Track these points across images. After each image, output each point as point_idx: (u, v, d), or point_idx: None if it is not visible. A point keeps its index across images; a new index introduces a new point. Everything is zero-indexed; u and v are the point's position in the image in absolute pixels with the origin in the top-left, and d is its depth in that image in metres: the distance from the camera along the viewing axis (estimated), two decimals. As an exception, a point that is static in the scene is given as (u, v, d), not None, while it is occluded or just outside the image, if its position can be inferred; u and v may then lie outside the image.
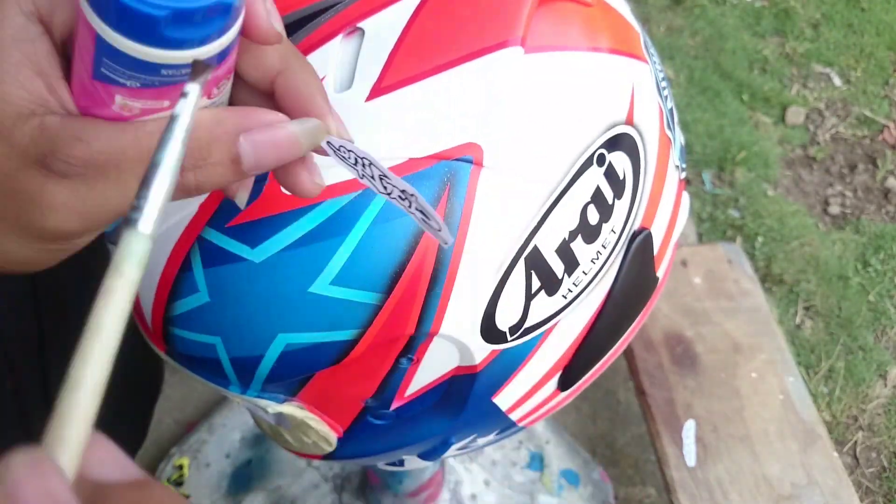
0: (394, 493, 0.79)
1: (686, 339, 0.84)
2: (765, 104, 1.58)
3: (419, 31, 0.32)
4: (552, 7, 0.35)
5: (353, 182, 0.32)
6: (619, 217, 0.37)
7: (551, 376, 0.41)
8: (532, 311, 0.36)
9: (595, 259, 0.37)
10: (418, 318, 0.34)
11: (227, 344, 0.35)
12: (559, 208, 0.34)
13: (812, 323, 1.24)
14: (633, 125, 0.37)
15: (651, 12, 1.74)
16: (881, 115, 1.56)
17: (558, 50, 0.35)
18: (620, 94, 0.37)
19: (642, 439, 1.03)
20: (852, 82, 1.63)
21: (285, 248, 0.32)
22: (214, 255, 0.33)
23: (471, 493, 0.89)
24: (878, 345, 1.22)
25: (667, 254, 0.45)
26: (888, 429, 1.12)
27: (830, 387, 1.16)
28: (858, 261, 1.33)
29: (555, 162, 0.34)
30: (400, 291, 0.33)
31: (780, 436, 0.78)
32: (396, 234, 0.32)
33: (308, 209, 0.32)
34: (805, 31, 1.73)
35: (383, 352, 0.35)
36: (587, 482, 0.94)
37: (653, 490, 0.99)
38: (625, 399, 1.07)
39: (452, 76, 0.32)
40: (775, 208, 1.38)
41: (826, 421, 1.11)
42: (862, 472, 1.08)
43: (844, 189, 1.45)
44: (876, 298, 1.27)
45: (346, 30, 0.33)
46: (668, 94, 0.43)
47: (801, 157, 1.51)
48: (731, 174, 1.44)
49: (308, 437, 0.40)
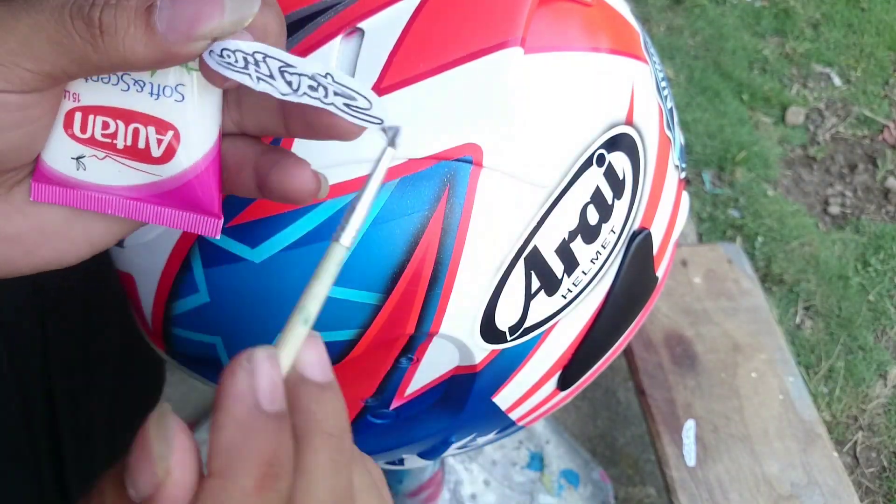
0: (394, 493, 0.79)
1: (686, 339, 0.84)
2: (765, 104, 1.58)
3: (419, 31, 0.32)
4: (552, 7, 0.35)
5: (353, 182, 0.32)
6: (618, 217, 0.37)
7: (551, 376, 0.41)
8: (532, 311, 0.36)
9: (595, 259, 0.37)
10: (418, 317, 0.34)
11: (227, 344, 0.35)
12: (559, 208, 0.34)
13: (812, 323, 1.24)
14: (633, 125, 0.37)
15: (651, 12, 1.74)
16: (881, 115, 1.56)
17: (558, 50, 0.35)
18: (620, 95, 0.37)
19: (642, 439, 1.03)
20: (852, 82, 1.63)
21: (285, 248, 0.32)
22: (214, 255, 0.33)
23: (471, 493, 0.89)
24: (878, 345, 1.22)
25: (666, 254, 0.45)
26: (888, 429, 1.12)
27: (830, 387, 1.16)
28: (858, 261, 1.33)
29: (554, 162, 0.34)
30: (400, 291, 0.33)
31: (779, 436, 0.78)
32: (396, 234, 0.32)
33: (308, 209, 0.32)
34: (805, 31, 1.73)
35: (383, 351, 0.35)
36: (587, 482, 0.94)
37: (653, 490, 1.00)
38: (625, 399, 1.07)
39: (452, 76, 0.32)
40: (775, 208, 1.39)
41: (826, 421, 1.11)
42: (862, 472, 1.08)
43: (844, 189, 1.45)
44: (876, 298, 1.27)
45: (346, 30, 0.33)
46: (668, 93, 0.43)
47: (801, 157, 1.51)
48: (731, 174, 1.44)
49: (308, 437, 0.40)
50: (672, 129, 0.43)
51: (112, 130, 0.24)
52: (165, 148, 0.24)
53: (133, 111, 0.24)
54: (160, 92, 0.23)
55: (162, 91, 0.23)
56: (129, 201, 0.25)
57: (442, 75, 0.32)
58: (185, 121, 0.24)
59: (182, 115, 0.24)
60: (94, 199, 0.25)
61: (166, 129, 0.24)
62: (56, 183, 0.24)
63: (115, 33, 0.21)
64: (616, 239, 0.38)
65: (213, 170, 0.25)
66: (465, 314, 0.34)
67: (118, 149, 0.24)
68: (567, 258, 0.36)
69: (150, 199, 0.25)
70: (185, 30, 0.21)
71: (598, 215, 0.36)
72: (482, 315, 0.35)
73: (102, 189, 0.25)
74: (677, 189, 0.44)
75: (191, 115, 0.24)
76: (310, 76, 0.21)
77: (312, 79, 0.21)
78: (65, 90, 0.24)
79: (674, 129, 0.43)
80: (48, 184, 0.24)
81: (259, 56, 0.21)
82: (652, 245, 0.41)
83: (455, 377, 0.38)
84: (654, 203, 0.40)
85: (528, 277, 0.35)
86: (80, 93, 0.24)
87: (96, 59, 0.21)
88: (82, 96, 0.24)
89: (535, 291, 0.35)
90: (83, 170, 0.24)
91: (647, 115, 0.38)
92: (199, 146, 0.24)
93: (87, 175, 0.24)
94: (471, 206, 0.33)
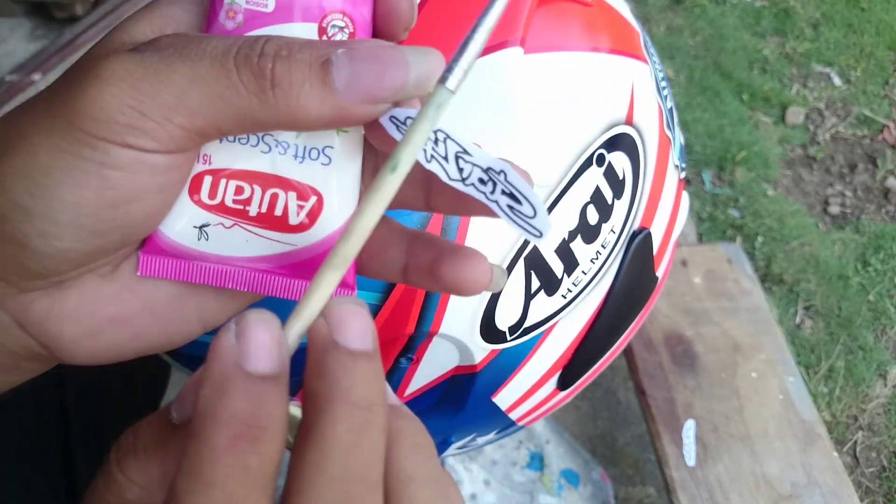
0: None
1: (686, 339, 0.84)
2: (765, 104, 1.58)
3: (418, 31, 0.32)
4: (552, 7, 0.35)
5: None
6: (618, 217, 0.37)
7: (551, 376, 0.41)
8: (531, 311, 0.36)
9: (594, 259, 0.37)
10: (418, 317, 0.34)
11: (227, 344, 0.35)
12: (559, 208, 0.34)
13: (812, 323, 1.24)
14: (633, 125, 0.37)
15: (651, 12, 1.74)
16: (881, 115, 1.56)
17: (558, 50, 0.35)
18: (620, 94, 0.37)
19: (642, 439, 1.03)
20: (852, 82, 1.63)
21: (285, 247, 0.32)
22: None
23: (471, 493, 0.89)
24: (878, 344, 1.22)
25: (666, 253, 0.45)
26: (888, 428, 1.12)
27: (830, 387, 1.16)
28: (858, 260, 1.33)
29: (554, 162, 0.34)
30: (399, 291, 0.33)
31: (779, 435, 0.78)
32: (396, 233, 0.32)
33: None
34: (805, 31, 1.73)
35: (383, 351, 0.35)
36: (587, 482, 0.94)
37: (653, 490, 0.99)
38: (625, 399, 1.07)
39: (452, 76, 0.32)
40: (775, 208, 1.39)
41: (826, 421, 1.11)
42: (862, 472, 1.08)
43: (844, 189, 1.45)
44: (876, 298, 1.27)
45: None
46: (667, 93, 0.43)
47: (801, 156, 1.51)
48: (731, 174, 1.44)
49: (308, 437, 0.40)
50: (672, 128, 0.43)
51: (246, 196, 0.22)
52: (307, 214, 0.22)
53: (274, 175, 0.21)
54: (306, 155, 0.21)
55: (308, 154, 0.21)
56: (253, 273, 0.22)
57: (442, 75, 0.32)
58: (331, 187, 0.22)
59: (328, 181, 0.22)
60: (213, 271, 0.22)
61: (309, 196, 0.22)
62: (170, 254, 0.22)
63: (288, 87, 0.19)
64: (616, 239, 0.38)
65: None
66: (465, 314, 0.34)
67: (250, 216, 0.22)
68: (567, 258, 0.36)
69: (278, 270, 0.22)
70: (368, 90, 0.19)
71: (597, 215, 0.36)
72: (482, 315, 0.35)
73: (223, 260, 0.22)
74: (677, 189, 0.44)
75: (337, 181, 0.22)
76: (484, 169, 0.20)
77: (486, 172, 0.20)
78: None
79: (674, 129, 0.43)
80: (161, 255, 0.22)
81: (441, 135, 0.20)
82: (652, 245, 0.41)
83: (455, 377, 0.38)
84: (653, 203, 0.40)
85: (527, 277, 0.35)
86: (212, 154, 0.21)
87: (261, 114, 0.19)
88: (214, 158, 0.21)
89: (535, 291, 0.35)
90: (205, 240, 0.22)
91: (646, 114, 0.38)
92: (341, 214, 0.22)
93: (209, 246, 0.22)
94: (471, 206, 0.33)
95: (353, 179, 0.22)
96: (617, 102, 0.37)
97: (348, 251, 0.19)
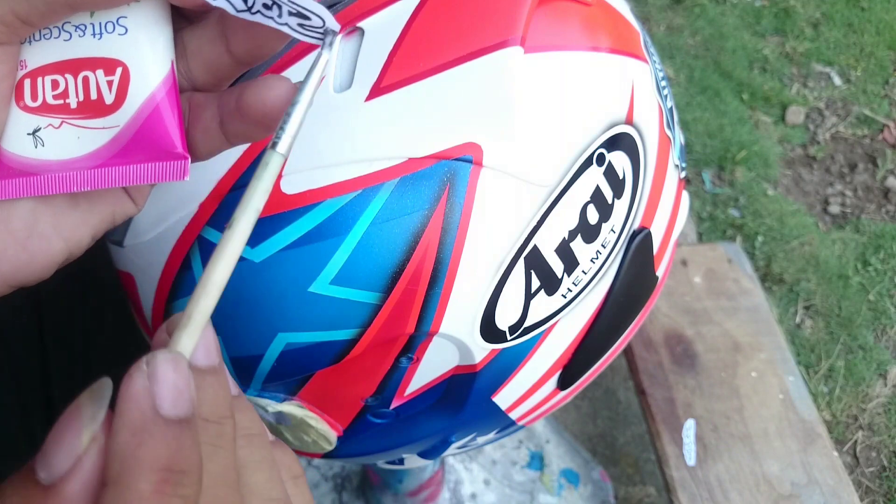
0: (394, 493, 0.79)
1: (686, 339, 0.84)
2: (765, 103, 1.58)
3: (419, 30, 0.32)
4: (552, 7, 0.35)
5: (353, 182, 0.32)
6: (618, 216, 0.37)
7: (551, 375, 0.41)
8: (532, 311, 0.36)
9: (595, 258, 0.37)
10: (418, 317, 0.34)
11: (226, 343, 0.35)
12: (559, 208, 0.34)
13: (812, 322, 1.24)
14: (633, 125, 0.37)
15: (651, 12, 1.74)
16: (881, 115, 1.56)
17: (558, 50, 0.35)
18: (620, 94, 0.37)
19: (642, 439, 1.03)
20: (852, 82, 1.63)
21: (285, 247, 0.32)
22: (214, 254, 0.33)
23: (471, 493, 0.89)
24: (878, 344, 1.22)
25: (666, 253, 0.45)
26: (888, 428, 1.12)
27: (830, 386, 1.16)
28: (858, 260, 1.33)
29: (554, 161, 0.34)
30: (399, 291, 0.33)
31: (779, 435, 0.78)
32: (396, 233, 0.32)
33: (308, 209, 0.32)
34: (805, 31, 1.73)
35: (383, 351, 0.35)
36: (587, 482, 0.94)
37: (653, 490, 1.00)
38: (625, 398, 1.07)
39: (452, 76, 0.32)
40: (775, 208, 1.39)
41: (826, 420, 1.11)
42: (862, 472, 1.08)
43: (844, 188, 1.45)
44: (876, 298, 1.27)
45: (346, 29, 0.33)
46: (667, 93, 0.43)
47: (801, 156, 1.51)
48: (731, 174, 1.44)
49: (308, 436, 0.40)
50: (672, 128, 0.43)
51: (63, 89, 0.22)
52: (117, 88, 0.22)
53: (79, 59, 0.22)
54: (103, 30, 0.22)
55: (104, 28, 0.22)
56: (93, 171, 0.23)
57: (442, 75, 0.32)
58: (132, 53, 0.22)
59: (128, 48, 0.22)
60: (58, 179, 0.23)
61: (114, 67, 0.22)
62: (15, 173, 0.22)
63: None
64: (616, 238, 0.38)
65: (170, 101, 0.23)
66: (465, 314, 0.34)
67: (72, 109, 0.23)
68: (567, 257, 0.36)
69: (113, 160, 0.23)
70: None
71: (598, 215, 0.36)
72: (482, 314, 0.35)
73: (64, 165, 0.23)
74: (677, 188, 0.44)
75: (137, 47, 0.22)
76: None
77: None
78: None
79: (674, 129, 0.43)
80: (7, 177, 0.22)
81: None
82: (652, 244, 0.41)
83: (455, 377, 0.38)
84: (654, 202, 0.40)
85: (528, 277, 0.35)
86: (27, 59, 0.22)
87: None
88: (29, 61, 0.22)
89: (535, 291, 0.35)
90: (41, 146, 0.23)
91: (647, 114, 0.38)
92: (151, 77, 0.22)
93: (46, 151, 0.23)
94: (471, 206, 0.33)
95: (157, 45, 0.23)
96: (617, 102, 0.37)
97: (201, 308, 0.21)
